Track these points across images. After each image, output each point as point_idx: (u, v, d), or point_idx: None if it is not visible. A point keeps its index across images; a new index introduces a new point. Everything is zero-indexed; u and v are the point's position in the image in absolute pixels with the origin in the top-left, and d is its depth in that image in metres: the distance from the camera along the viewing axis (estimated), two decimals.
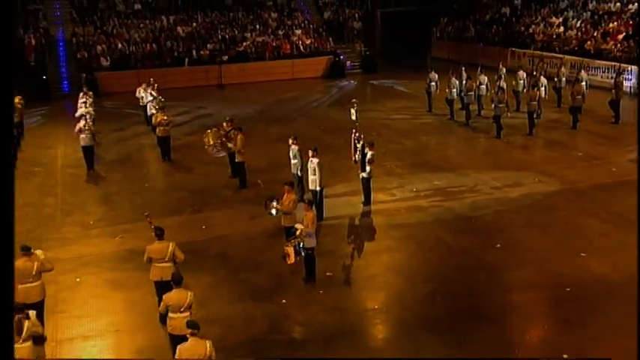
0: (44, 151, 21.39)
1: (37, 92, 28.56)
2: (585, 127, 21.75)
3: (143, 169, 19.60)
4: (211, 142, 17.85)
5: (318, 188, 14.80)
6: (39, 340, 9.26)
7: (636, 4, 31.29)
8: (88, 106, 21.19)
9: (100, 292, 12.04)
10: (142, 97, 23.75)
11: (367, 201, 15.77)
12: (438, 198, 16.15)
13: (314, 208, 12.69)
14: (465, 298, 11.50)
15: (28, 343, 8.60)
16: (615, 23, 30.78)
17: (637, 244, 10.23)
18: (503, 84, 22.88)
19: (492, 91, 22.51)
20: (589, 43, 30.35)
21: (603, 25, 31.21)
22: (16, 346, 8.36)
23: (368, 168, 15.43)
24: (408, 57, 37.15)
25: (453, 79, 24.11)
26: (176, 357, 8.12)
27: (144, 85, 23.94)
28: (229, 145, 17.45)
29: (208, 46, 34.06)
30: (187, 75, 32.26)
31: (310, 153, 14.88)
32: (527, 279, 11.98)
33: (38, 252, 10.34)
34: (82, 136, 18.58)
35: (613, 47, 29.24)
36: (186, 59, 33.04)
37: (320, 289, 11.85)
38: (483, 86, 23.76)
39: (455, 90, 23.97)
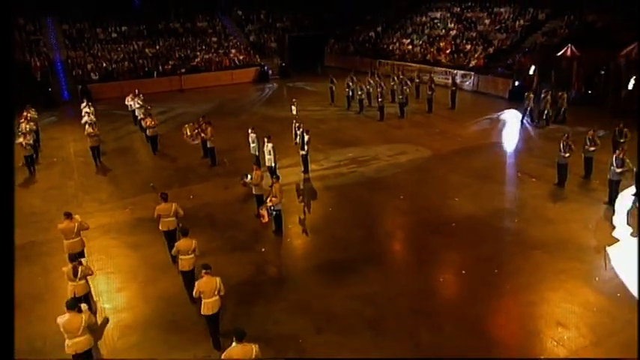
0: (58, 146, 18.68)
1: (45, 101, 24.98)
2: (435, 111, 21.70)
3: (136, 156, 17.48)
4: (188, 133, 16.30)
5: (273, 164, 13.74)
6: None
7: (455, 30, 31.64)
8: (90, 114, 18.40)
9: (123, 252, 10.61)
10: (130, 105, 21.05)
11: (306, 170, 14.86)
12: (352, 166, 15.45)
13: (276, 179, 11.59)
14: (386, 237, 11.05)
15: (82, 282, 8.16)
16: (443, 43, 30.90)
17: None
18: (382, 84, 22.41)
19: (377, 89, 21.91)
20: (429, 56, 30.32)
21: (436, 44, 31.27)
22: (74, 284, 8.04)
23: (306, 147, 14.51)
24: (309, 67, 35.76)
25: (348, 81, 23.34)
26: (195, 290, 7.43)
27: (131, 95, 21.15)
28: (202, 135, 15.94)
29: (170, 62, 31.22)
30: (156, 84, 29.37)
31: (265, 139, 13.78)
32: (425, 220, 11.61)
33: (77, 216, 9.40)
34: (90, 139, 16.11)
35: (444, 59, 29.40)
36: (155, 72, 30.13)
37: (287, 238, 10.97)
38: (369, 86, 23.07)
39: (349, 89, 23.23)
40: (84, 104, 19.89)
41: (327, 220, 11.92)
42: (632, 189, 12.37)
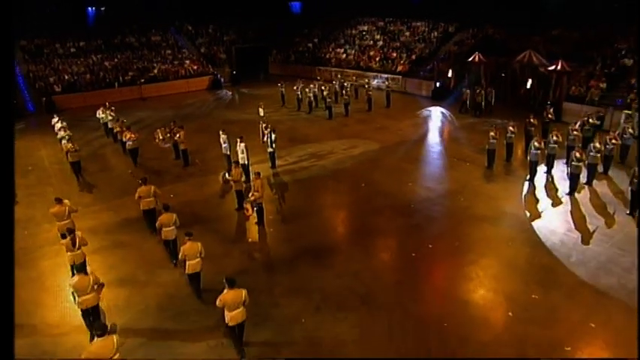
0: (30, 155, 16.31)
1: None
2: (374, 110, 21.73)
3: (112, 163, 15.60)
4: (161, 137, 15.07)
5: (246, 162, 13.00)
6: None
7: (381, 41, 31.98)
8: (66, 129, 16.02)
9: (116, 252, 9.49)
10: (102, 117, 18.54)
11: (273, 165, 14.25)
12: (313, 159, 15.02)
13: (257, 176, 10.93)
14: (357, 221, 10.77)
15: (80, 251, 8.05)
16: (373, 52, 31.13)
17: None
18: (326, 87, 22.17)
19: (320, 92, 21.58)
20: (362, 63, 30.41)
21: (367, 52, 31.42)
22: (73, 253, 7.95)
23: (274, 145, 13.90)
24: (255, 74, 34.52)
25: (297, 85, 22.82)
26: (180, 254, 7.64)
27: (102, 108, 18.65)
28: (175, 138, 14.75)
29: (129, 73, 28.77)
30: (118, 93, 26.85)
31: (238, 139, 13.00)
32: (387, 203, 11.47)
33: (66, 201, 9.26)
34: (70, 154, 13.80)
35: (375, 65, 29.64)
36: (116, 83, 27.61)
37: (270, 228, 10.38)
38: (316, 89, 22.71)
39: (299, 92, 22.72)
40: (55, 119, 17.30)
41: (302, 209, 11.44)
42: (544, 167, 13.13)
